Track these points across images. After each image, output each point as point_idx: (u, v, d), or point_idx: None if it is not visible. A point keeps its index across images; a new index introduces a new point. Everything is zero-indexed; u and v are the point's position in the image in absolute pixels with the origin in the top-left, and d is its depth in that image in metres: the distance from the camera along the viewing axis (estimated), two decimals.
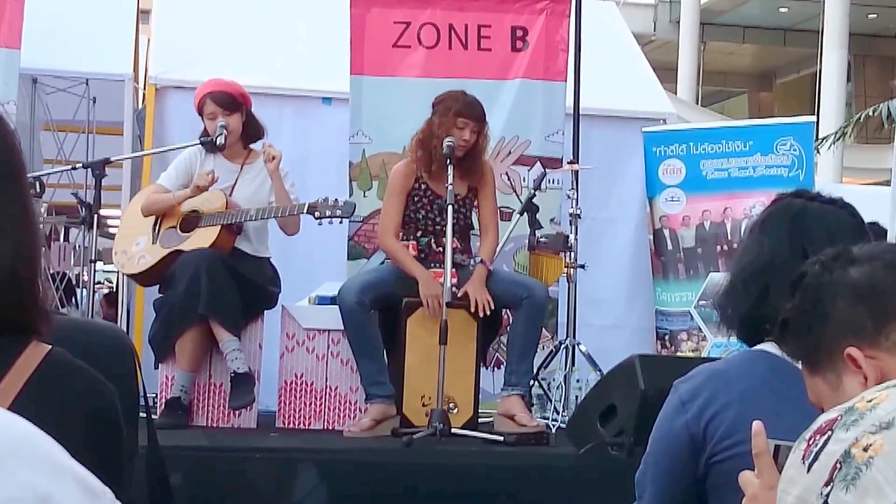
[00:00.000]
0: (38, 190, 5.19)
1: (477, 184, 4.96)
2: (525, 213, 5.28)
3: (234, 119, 4.96)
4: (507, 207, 5.64)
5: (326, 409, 5.01)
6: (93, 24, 6.45)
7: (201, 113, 4.99)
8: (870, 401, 1.15)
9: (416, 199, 4.92)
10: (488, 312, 4.72)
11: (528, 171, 5.85)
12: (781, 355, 1.78)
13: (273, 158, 4.85)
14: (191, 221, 4.95)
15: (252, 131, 5.06)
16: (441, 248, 4.75)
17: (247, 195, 4.96)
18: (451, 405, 4.72)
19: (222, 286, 4.70)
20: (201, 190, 4.89)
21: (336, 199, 4.82)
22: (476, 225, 5.09)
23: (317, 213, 4.78)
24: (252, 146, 5.11)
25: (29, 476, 0.85)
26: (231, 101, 4.96)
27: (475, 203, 5.01)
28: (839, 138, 13.34)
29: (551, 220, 5.79)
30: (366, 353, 4.75)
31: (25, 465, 0.85)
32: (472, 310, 4.68)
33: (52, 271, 6.96)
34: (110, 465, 1.11)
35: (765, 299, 1.82)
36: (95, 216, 4.99)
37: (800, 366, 1.51)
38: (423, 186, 4.92)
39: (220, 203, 4.92)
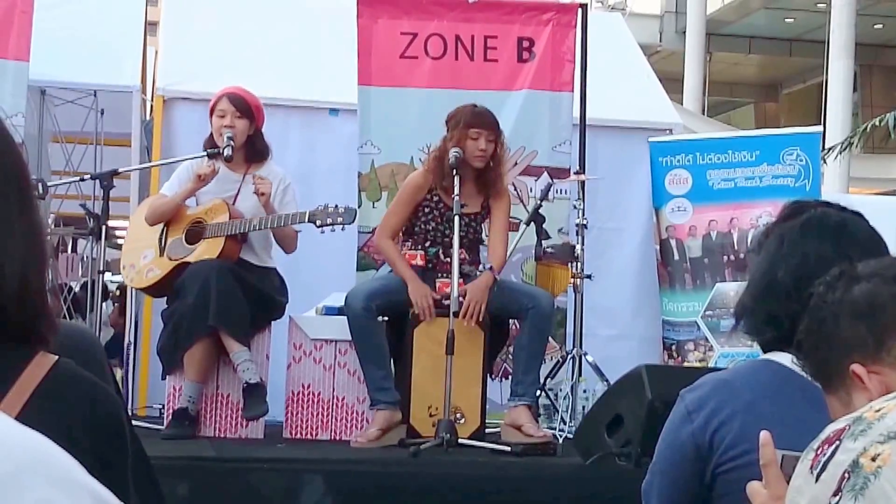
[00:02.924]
0: (41, 192, 5.18)
1: (492, 200, 4.96)
2: (532, 224, 5.29)
3: (242, 124, 4.96)
4: (515, 218, 5.64)
5: (333, 420, 5.01)
6: (101, 36, 6.47)
7: (212, 111, 4.99)
8: (878, 411, 1.15)
9: (426, 210, 4.92)
10: (477, 320, 4.71)
11: (536, 181, 5.86)
12: (789, 365, 1.78)
13: (262, 194, 4.84)
14: (195, 232, 4.96)
15: (257, 148, 5.04)
16: (449, 259, 4.76)
17: (249, 205, 4.95)
18: (458, 415, 4.72)
19: (232, 297, 4.70)
20: (202, 179, 4.87)
21: (336, 206, 4.81)
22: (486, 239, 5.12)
23: (318, 222, 4.79)
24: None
25: (45, 492, 0.85)
26: (245, 106, 4.97)
27: (487, 217, 5.01)
28: (846, 148, 13.33)
29: (559, 230, 5.79)
30: (371, 359, 4.76)
31: (42, 482, 0.85)
32: (463, 313, 4.65)
33: (59, 282, 6.97)
34: (115, 476, 1.12)
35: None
36: (103, 227, 5.01)
37: (808, 376, 1.52)
38: (435, 198, 4.92)
39: (223, 213, 4.92)
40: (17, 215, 1.14)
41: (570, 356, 5.39)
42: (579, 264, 5.32)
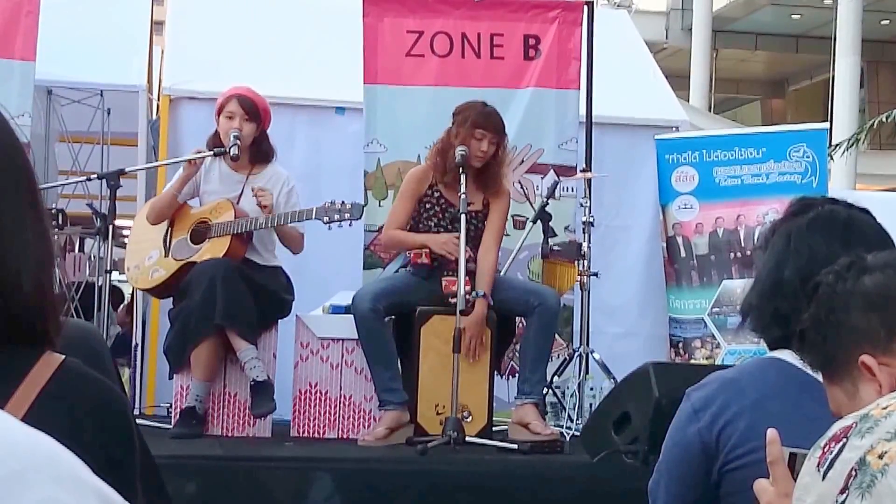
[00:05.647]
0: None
1: (491, 198, 4.96)
2: (538, 221, 5.28)
3: (250, 127, 4.95)
4: (521, 216, 5.65)
5: (341, 418, 5.02)
6: (107, 35, 6.47)
7: (220, 111, 4.98)
8: (885, 408, 1.15)
9: (428, 206, 4.93)
10: (476, 357, 4.74)
11: (542, 179, 5.86)
12: (795, 363, 1.77)
13: (264, 207, 4.84)
14: (201, 232, 4.97)
15: (262, 149, 5.04)
16: (455, 257, 4.76)
17: (254, 205, 4.94)
18: (466, 413, 4.73)
19: (238, 295, 4.71)
20: (192, 165, 4.89)
21: (343, 202, 4.82)
22: None
23: (326, 218, 4.79)
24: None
25: (51, 491, 0.85)
26: (255, 109, 4.96)
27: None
28: (852, 145, 13.31)
29: (566, 227, 5.79)
30: (379, 360, 4.76)
31: (48, 481, 0.85)
32: (466, 351, 4.67)
33: (67, 281, 6.98)
34: (123, 475, 1.12)
35: None
36: (110, 227, 5.02)
37: (814, 374, 1.51)
38: (436, 194, 4.93)
39: (228, 212, 4.93)
40: (30, 219, 1.15)
41: (576, 354, 5.39)
42: (586, 262, 5.32)
